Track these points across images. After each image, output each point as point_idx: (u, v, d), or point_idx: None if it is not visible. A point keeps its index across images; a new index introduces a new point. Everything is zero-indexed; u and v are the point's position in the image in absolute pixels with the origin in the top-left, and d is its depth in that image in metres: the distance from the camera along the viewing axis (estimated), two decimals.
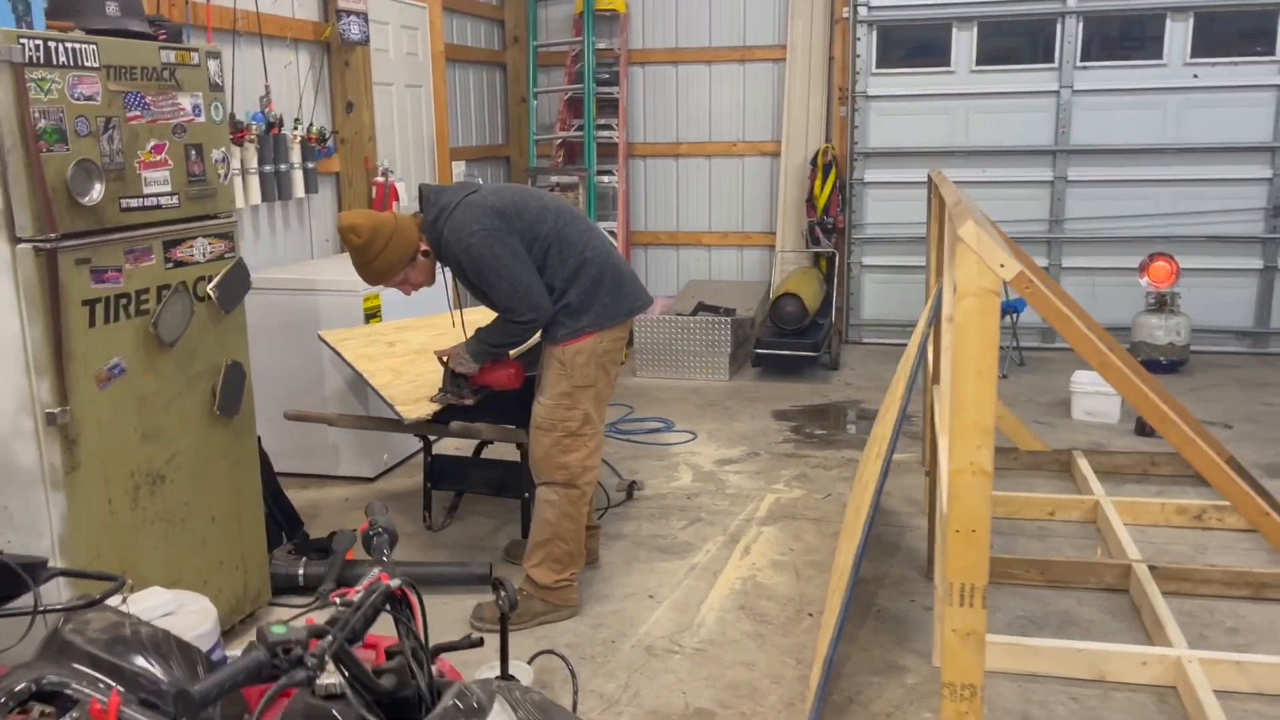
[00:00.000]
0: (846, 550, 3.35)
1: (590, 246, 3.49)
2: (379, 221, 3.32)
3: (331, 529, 4.37)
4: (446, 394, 3.65)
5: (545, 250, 3.41)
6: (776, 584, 3.87)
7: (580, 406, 3.50)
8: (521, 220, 3.38)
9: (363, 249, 3.31)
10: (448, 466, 4.33)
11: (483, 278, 3.34)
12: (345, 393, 4.89)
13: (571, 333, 3.46)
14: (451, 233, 3.31)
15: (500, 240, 3.32)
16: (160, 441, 3.11)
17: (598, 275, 3.48)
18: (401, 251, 3.35)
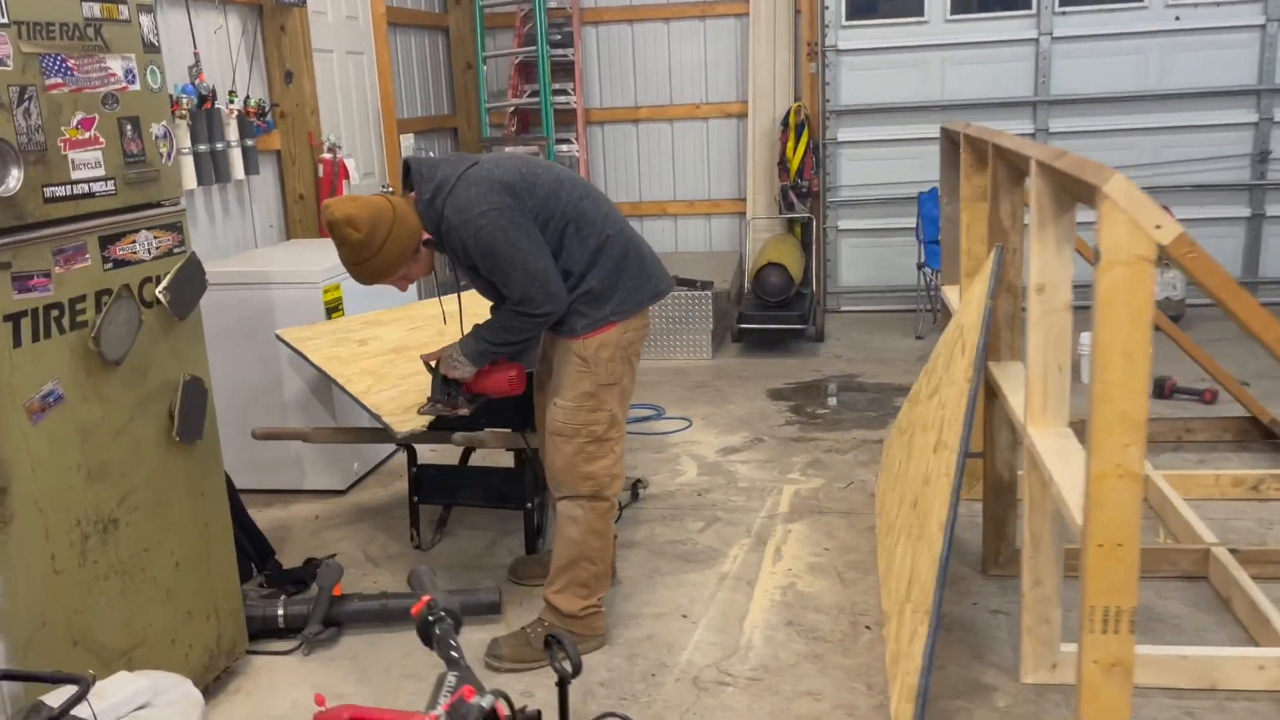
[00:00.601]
0: (917, 556, 2.94)
1: (610, 223, 3.01)
2: (377, 210, 2.80)
3: (305, 554, 3.85)
4: (436, 404, 3.13)
5: (561, 230, 2.92)
6: (820, 591, 3.46)
7: (605, 407, 3.03)
8: (533, 196, 2.89)
9: (362, 245, 2.79)
10: (436, 478, 3.83)
11: (494, 265, 2.84)
12: (308, 399, 4.35)
13: (593, 323, 2.98)
14: (455, 213, 2.81)
15: (513, 221, 2.82)
16: (110, 479, 2.58)
17: (620, 256, 3.00)
18: (405, 243, 2.83)
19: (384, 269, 2.84)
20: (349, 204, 2.78)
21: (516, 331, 2.96)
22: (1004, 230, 3.27)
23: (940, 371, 3.39)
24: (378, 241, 2.78)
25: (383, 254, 2.80)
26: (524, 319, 2.91)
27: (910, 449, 3.58)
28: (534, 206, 2.88)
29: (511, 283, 2.86)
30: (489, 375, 3.10)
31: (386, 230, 2.78)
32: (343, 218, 2.75)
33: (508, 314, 2.94)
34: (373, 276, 2.86)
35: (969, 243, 3.91)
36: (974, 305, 3.22)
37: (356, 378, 3.48)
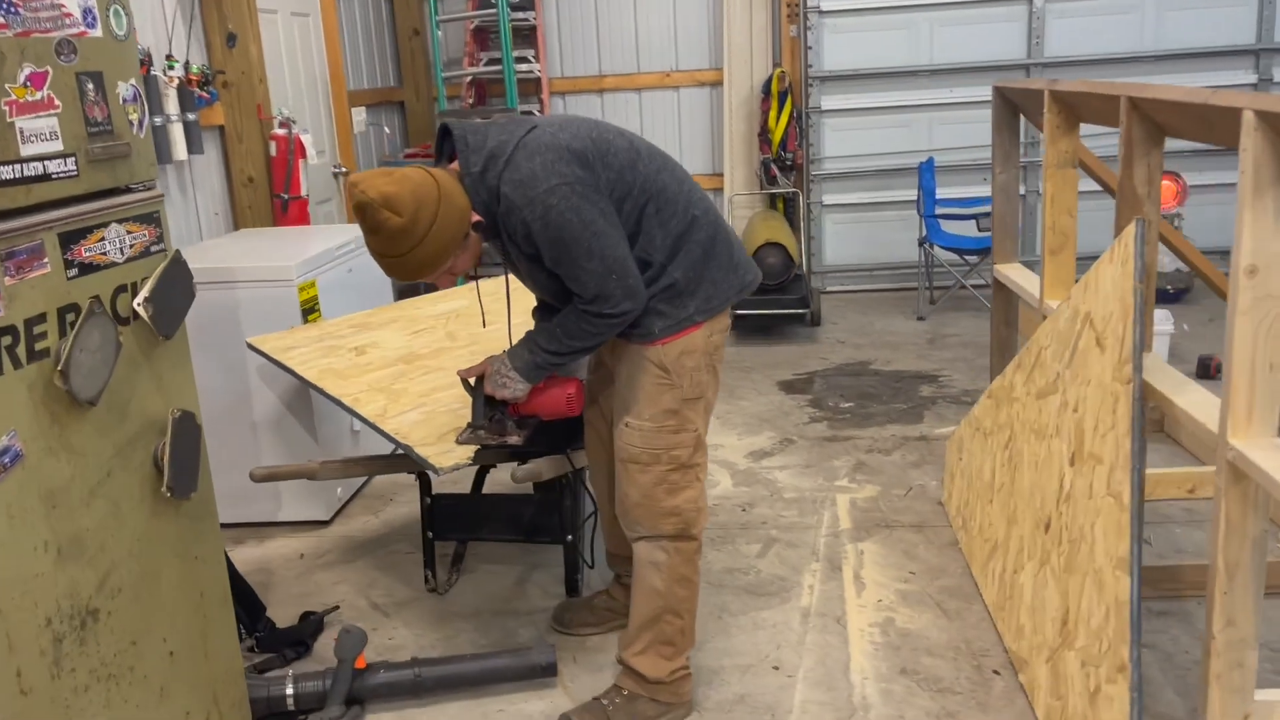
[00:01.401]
0: (1072, 593, 2.46)
1: (695, 201, 2.45)
2: (419, 187, 2.18)
3: (297, 605, 3.22)
4: (478, 430, 2.52)
5: (640, 209, 2.35)
6: (923, 628, 2.97)
7: (690, 427, 2.48)
8: (608, 167, 2.31)
9: (404, 232, 2.17)
10: (455, 510, 3.23)
11: (563, 254, 2.26)
12: (282, 418, 3.70)
13: (674, 325, 2.42)
14: (516, 189, 2.22)
15: (587, 198, 2.25)
16: (86, 556, 1.94)
17: (708, 242, 2.44)
18: (455, 227, 2.23)
19: (429, 261, 2.23)
20: (384, 180, 2.16)
21: (586, 337, 2.38)
22: (1138, 200, 2.80)
23: (1055, 367, 2.91)
24: (422, 227, 2.17)
25: (428, 242, 2.19)
26: (597, 321, 2.33)
27: (1012, 457, 3.10)
28: (609, 180, 2.31)
29: (585, 276, 2.28)
30: (542, 393, 2.51)
31: (432, 212, 2.17)
32: (379, 198, 2.14)
33: (575, 315, 2.36)
34: (414, 272, 2.25)
35: (1054, 215, 3.45)
36: (1102, 290, 2.73)
37: (366, 398, 2.85)
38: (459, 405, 2.77)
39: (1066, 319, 2.92)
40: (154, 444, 2.13)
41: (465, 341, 3.28)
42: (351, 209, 2.18)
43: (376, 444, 4.33)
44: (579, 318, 2.35)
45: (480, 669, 2.72)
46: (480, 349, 3.21)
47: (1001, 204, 4.09)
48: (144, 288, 2.07)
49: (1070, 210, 3.45)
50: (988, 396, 3.48)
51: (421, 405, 2.79)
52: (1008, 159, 4.05)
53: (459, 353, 3.18)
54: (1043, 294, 3.53)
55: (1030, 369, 3.14)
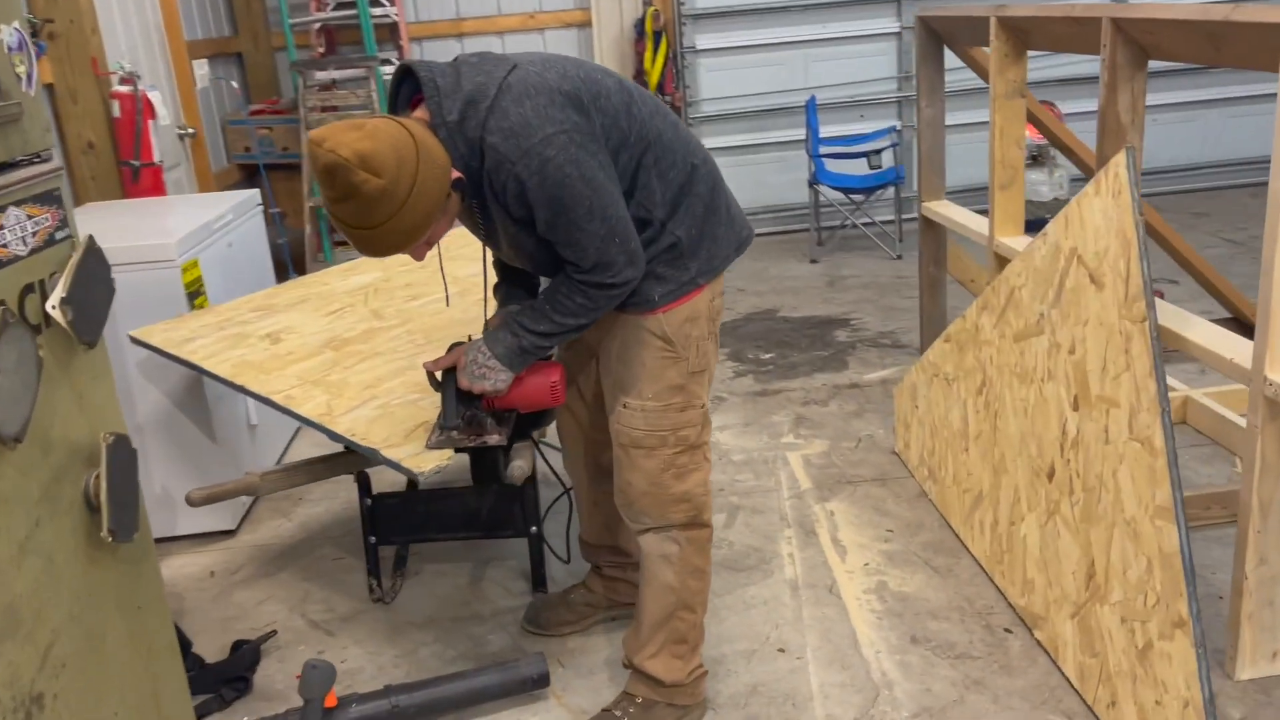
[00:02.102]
0: (1096, 544, 2.35)
1: (694, 148, 2.17)
2: (397, 141, 1.79)
3: (222, 633, 2.82)
4: (451, 432, 2.17)
5: (637, 159, 2.05)
6: (920, 590, 2.83)
7: (697, 403, 2.22)
8: (602, 112, 1.99)
9: (385, 196, 1.78)
10: (400, 510, 2.87)
11: (559, 216, 1.93)
12: (171, 418, 3.24)
13: (676, 290, 2.14)
14: (506, 140, 1.87)
15: (586, 148, 1.93)
16: (24, 632, 1.54)
17: (709, 195, 2.17)
18: (436, 188, 1.85)
19: (412, 229, 1.85)
20: (353, 135, 1.76)
21: (581, 313, 2.06)
22: (1122, 128, 2.68)
23: (1037, 307, 2.79)
24: (404, 189, 1.80)
25: (410, 207, 1.82)
26: (595, 293, 2.03)
27: (989, 403, 2.98)
28: (604, 127, 1.99)
29: (585, 240, 1.96)
30: (522, 383, 2.17)
31: (413, 171, 1.80)
32: (353, 157, 1.74)
33: (569, 288, 2.04)
34: (394, 244, 1.87)
35: (1003, 149, 3.33)
36: (1090, 224, 2.61)
37: (302, 394, 2.46)
38: (416, 395, 2.42)
39: (1044, 256, 2.79)
40: (83, 478, 1.72)
41: (395, 320, 2.90)
42: (316, 172, 1.79)
43: (275, 438, 3.89)
44: (574, 290, 2.03)
45: (465, 689, 2.41)
46: (416, 328, 2.85)
47: (929, 139, 3.97)
48: (58, 286, 1.65)
49: (1019, 142, 3.33)
50: (944, 340, 3.35)
51: (371, 398, 2.42)
52: (934, 92, 3.91)
53: (393, 333, 2.81)
54: (993, 231, 3.42)
55: (1000, 310, 3.01)
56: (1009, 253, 3.35)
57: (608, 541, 2.66)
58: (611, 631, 2.72)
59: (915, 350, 4.56)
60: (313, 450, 3.93)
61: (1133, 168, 2.52)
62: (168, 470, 3.28)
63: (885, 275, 5.75)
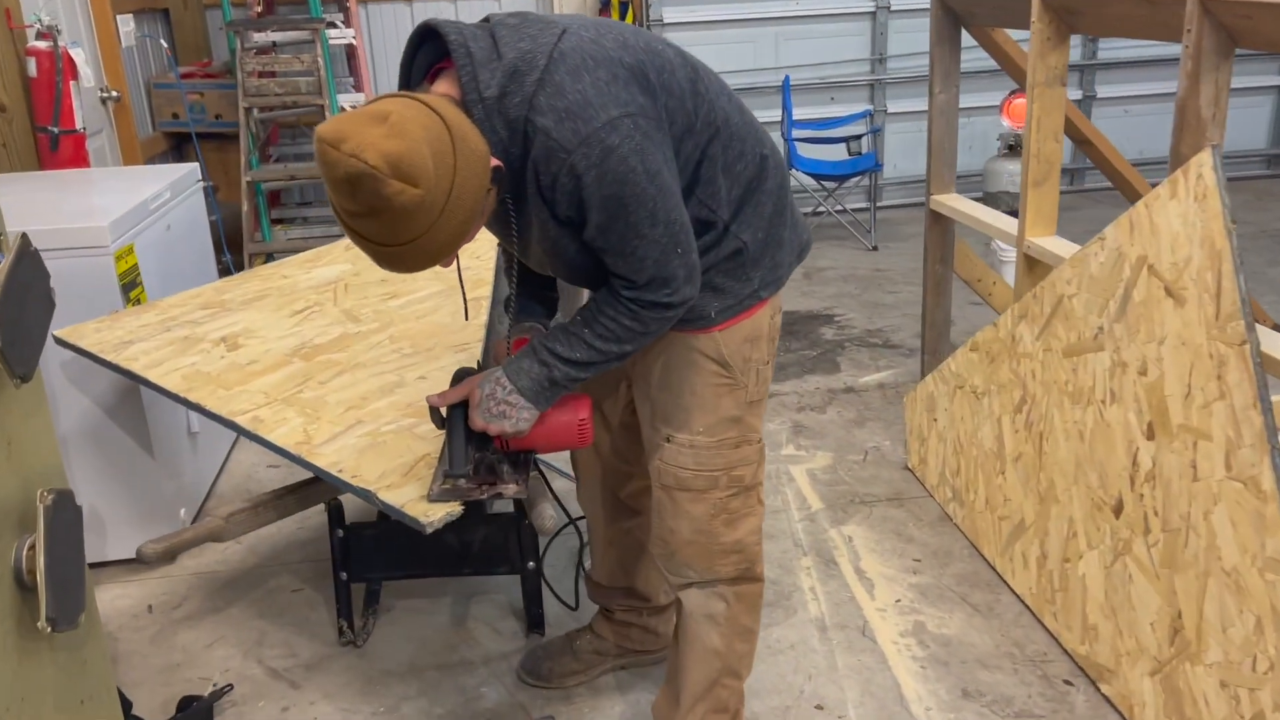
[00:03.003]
0: (1187, 594, 2.09)
1: (763, 136, 1.82)
2: (430, 133, 1.40)
3: (161, 684, 2.43)
4: (459, 480, 1.77)
5: (702, 149, 1.69)
6: (962, 632, 2.55)
7: (754, 438, 1.89)
8: (668, 91, 1.63)
9: (422, 209, 1.40)
10: (376, 544, 2.48)
11: (621, 218, 1.57)
12: (101, 425, 2.81)
13: (736, 305, 1.80)
14: (561, 122, 1.50)
15: (652, 138, 1.57)
16: None
17: (778, 192, 1.83)
18: (478, 185, 1.47)
19: (450, 241, 1.47)
20: (377, 132, 1.36)
21: (629, 337, 1.69)
22: (1203, 123, 2.41)
23: (1094, 320, 2.51)
24: (441, 195, 1.42)
25: (449, 215, 1.43)
26: (647, 314, 1.67)
27: (1032, 422, 2.70)
28: (670, 109, 1.64)
29: (644, 249, 1.61)
30: (545, 421, 1.78)
31: (450, 170, 1.42)
32: (383, 163, 1.35)
33: (615, 308, 1.68)
34: (426, 260, 1.49)
35: (1040, 141, 3.05)
36: (1167, 231, 2.33)
37: (271, 416, 2.06)
38: (410, 419, 2.05)
39: (1104, 264, 2.51)
40: (13, 548, 1.32)
41: (374, 324, 2.51)
42: (331, 182, 1.40)
43: (217, 447, 3.47)
44: (620, 310, 1.67)
45: None
46: (399, 334, 2.46)
47: (941, 127, 3.67)
48: None
49: (1056, 135, 3.05)
50: (971, 350, 3.07)
51: (356, 423, 2.04)
52: (948, 76, 3.62)
53: (373, 340, 2.42)
54: (1024, 231, 3.15)
55: (1044, 320, 2.74)
56: (1042, 255, 3.08)
57: (622, 583, 2.33)
58: (625, 684, 2.40)
59: (909, 351, 4.30)
60: (257, 458, 3.52)
61: (1219, 169, 2.25)
62: (97, 488, 2.85)
63: (863, 268, 5.48)
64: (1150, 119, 6.73)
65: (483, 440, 1.77)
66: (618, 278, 1.66)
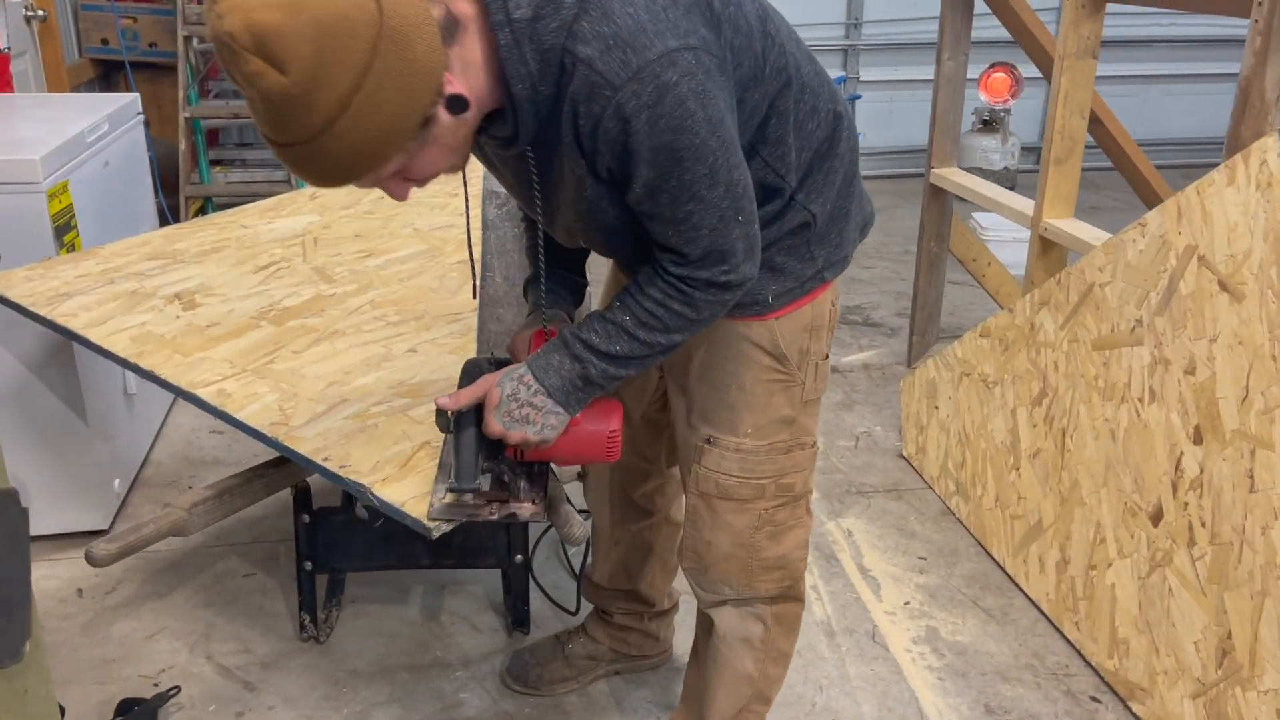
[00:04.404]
0: (1239, 612, 1.94)
1: (835, 93, 1.57)
2: (331, 17, 1.11)
3: (94, 679, 2.15)
4: (464, 494, 1.50)
5: (769, 102, 1.43)
6: (978, 640, 2.38)
7: (808, 441, 1.68)
8: (734, 27, 1.36)
9: (290, 104, 1.13)
10: (346, 532, 2.22)
11: (676, 175, 1.30)
12: (29, 385, 2.49)
13: (797, 288, 1.56)
14: (607, 52, 1.22)
15: (714, 80, 1.30)
16: None
17: (850, 157, 1.58)
18: (403, 104, 1.18)
19: (350, 161, 1.20)
20: (275, 4, 1.10)
21: (677, 325, 1.43)
22: (1266, 105, 2.24)
23: (1131, 311, 2.34)
24: (326, 96, 1.13)
25: (345, 125, 1.16)
26: (700, 296, 1.41)
27: (1053, 417, 2.54)
28: (736, 49, 1.36)
29: (699, 215, 1.34)
30: (569, 431, 1.50)
31: (354, 71, 1.14)
32: (245, 33, 1.10)
33: (663, 288, 1.41)
34: (323, 173, 1.23)
35: (1065, 116, 2.87)
36: (1223, 220, 2.16)
37: (240, 392, 1.78)
38: (403, 398, 1.79)
39: (1144, 252, 2.34)
40: None
41: (351, 285, 2.23)
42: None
43: (154, 408, 3.16)
44: (669, 292, 1.40)
45: None
46: (381, 298, 2.18)
47: (947, 96, 3.48)
48: None
49: (1083, 110, 2.87)
50: (981, 335, 2.90)
51: (340, 402, 1.77)
52: (958, 43, 3.42)
53: (351, 304, 2.14)
54: (1040, 211, 2.97)
55: (1071, 309, 2.56)
56: (1059, 237, 2.91)
57: (623, 586, 2.11)
58: (620, 692, 2.18)
59: (891, 331, 4.13)
60: (198, 421, 3.22)
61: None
62: (23, 455, 2.53)
63: None
64: (1126, 100, 6.64)
65: (494, 448, 1.51)
66: (666, 251, 1.40)
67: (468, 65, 1.24)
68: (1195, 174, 1.87)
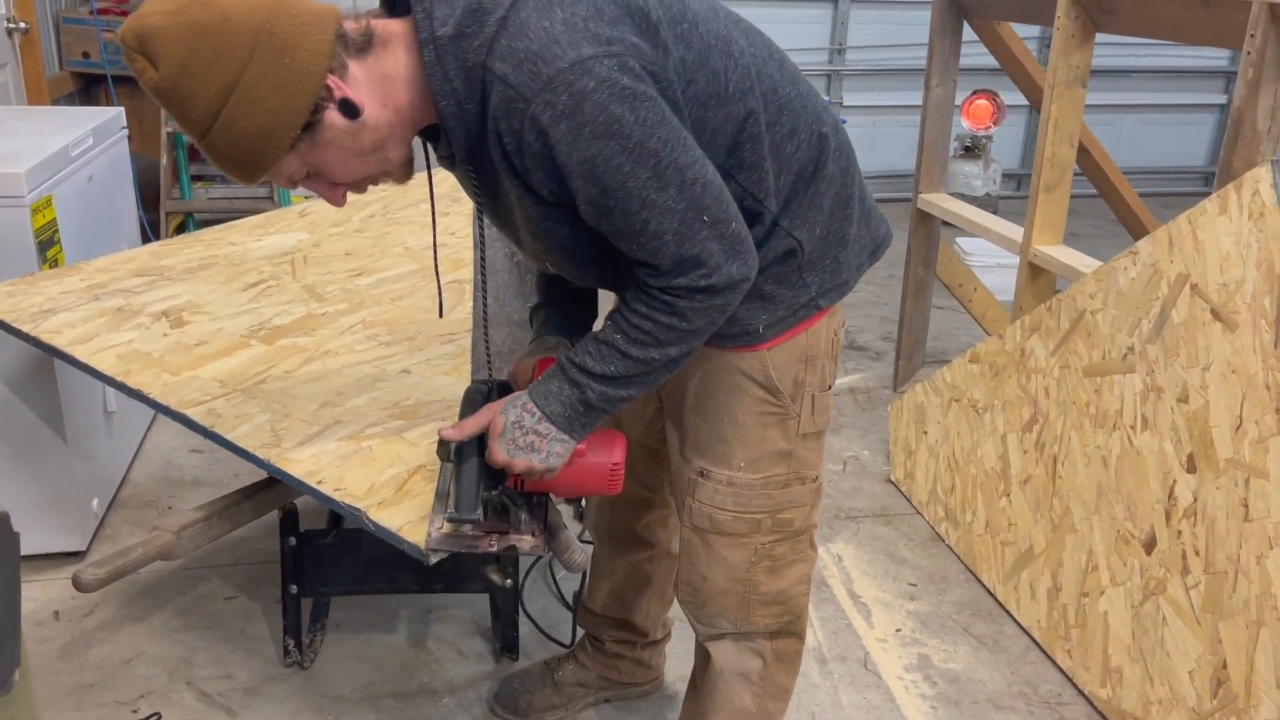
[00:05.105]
0: (1234, 642, 1.94)
1: (822, 113, 1.52)
2: (209, 21, 1.23)
3: (72, 708, 2.09)
4: (464, 524, 1.47)
5: (740, 123, 1.39)
6: (970, 668, 2.37)
7: (809, 475, 1.64)
8: (684, 42, 1.33)
9: (166, 98, 1.26)
10: (333, 555, 2.18)
11: (616, 188, 1.26)
12: (7, 403, 2.43)
13: (789, 316, 1.53)
14: (519, 68, 1.21)
15: (648, 83, 1.26)
16: None
17: (842, 180, 1.54)
18: (280, 97, 1.24)
19: (240, 155, 1.28)
20: (163, 6, 1.24)
21: (670, 339, 1.38)
22: (1258, 136, 2.25)
23: (1123, 338, 2.35)
24: (201, 92, 1.24)
25: (226, 119, 1.25)
26: (685, 304, 1.35)
27: (1044, 443, 2.54)
28: (687, 64, 1.33)
29: (655, 222, 1.29)
30: (571, 463, 1.47)
31: (230, 70, 1.23)
32: (130, 34, 1.24)
33: (647, 303, 1.36)
34: (225, 166, 1.31)
35: (1055, 144, 2.88)
36: (1215, 249, 2.16)
37: (230, 412, 1.74)
38: (398, 421, 1.76)
39: (1135, 279, 2.35)
40: None
41: (342, 304, 2.20)
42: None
43: (134, 426, 3.11)
44: (654, 305, 1.36)
45: None
46: (373, 318, 2.15)
47: (935, 122, 3.50)
48: None
49: (1072, 139, 2.89)
50: (971, 361, 2.90)
51: (334, 424, 1.73)
52: (946, 70, 3.44)
53: (342, 323, 2.11)
54: (1029, 238, 2.98)
55: (1062, 335, 2.57)
56: (1048, 264, 2.92)
57: (617, 614, 2.08)
58: (609, 719, 2.15)
59: (876, 354, 4.14)
60: (177, 440, 3.17)
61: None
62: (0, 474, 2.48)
63: None
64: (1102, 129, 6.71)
65: (494, 478, 1.47)
66: (640, 265, 1.35)
67: (385, 78, 1.29)
68: (1172, 201, 1.88)
